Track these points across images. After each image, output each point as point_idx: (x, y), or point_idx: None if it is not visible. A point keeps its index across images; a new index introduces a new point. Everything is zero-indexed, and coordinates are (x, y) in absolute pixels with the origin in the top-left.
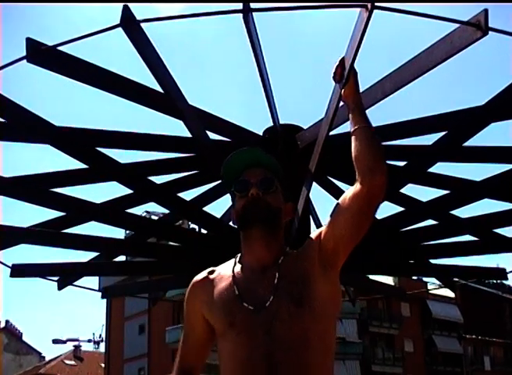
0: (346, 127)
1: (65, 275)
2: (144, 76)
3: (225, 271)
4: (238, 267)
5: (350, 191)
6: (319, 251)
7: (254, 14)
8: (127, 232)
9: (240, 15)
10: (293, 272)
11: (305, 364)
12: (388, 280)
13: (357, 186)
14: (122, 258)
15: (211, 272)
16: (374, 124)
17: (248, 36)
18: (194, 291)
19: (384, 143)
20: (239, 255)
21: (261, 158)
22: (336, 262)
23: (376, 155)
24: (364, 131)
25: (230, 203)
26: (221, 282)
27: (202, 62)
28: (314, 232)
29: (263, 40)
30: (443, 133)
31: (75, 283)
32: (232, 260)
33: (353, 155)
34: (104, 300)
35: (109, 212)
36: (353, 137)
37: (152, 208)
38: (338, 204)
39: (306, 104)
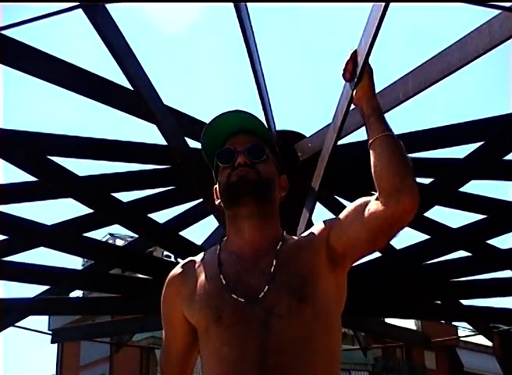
0: (358, 135)
1: (7, 313)
2: (113, 70)
3: (209, 259)
4: (224, 253)
5: (370, 203)
6: (326, 247)
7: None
8: (85, 261)
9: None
10: (294, 262)
11: (309, 369)
12: (409, 324)
13: (379, 205)
14: (78, 293)
15: (191, 262)
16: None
17: (240, 26)
18: (173, 286)
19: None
20: (224, 239)
21: (249, 123)
22: (344, 264)
23: (404, 170)
24: (386, 141)
25: (214, 222)
26: (204, 272)
27: (185, 56)
28: (320, 223)
29: (259, 31)
30: (479, 144)
31: (18, 323)
32: (217, 246)
33: (373, 170)
34: (55, 345)
35: (63, 235)
36: (371, 150)
37: (117, 231)
38: (353, 210)
39: (309, 107)
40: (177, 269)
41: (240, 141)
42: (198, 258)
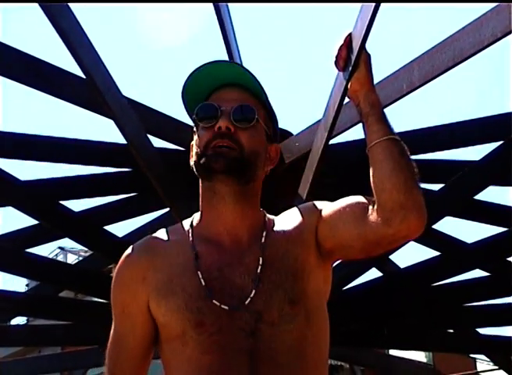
0: (353, 133)
1: None
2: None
3: (179, 242)
4: (200, 241)
5: (369, 214)
6: (315, 238)
7: None
8: (29, 282)
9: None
10: (283, 259)
11: None
12: (417, 356)
13: (379, 221)
14: (20, 320)
15: (154, 240)
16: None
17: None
18: (134, 269)
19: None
20: (195, 216)
21: (241, 76)
22: (331, 258)
23: (410, 183)
24: (389, 147)
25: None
26: (176, 259)
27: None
28: (307, 206)
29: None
30: (498, 144)
31: None
32: (186, 223)
33: (372, 181)
34: None
35: (2, 252)
36: (371, 156)
37: (69, 244)
38: (348, 211)
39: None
40: (139, 248)
41: (226, 97)
42: (163, 236)
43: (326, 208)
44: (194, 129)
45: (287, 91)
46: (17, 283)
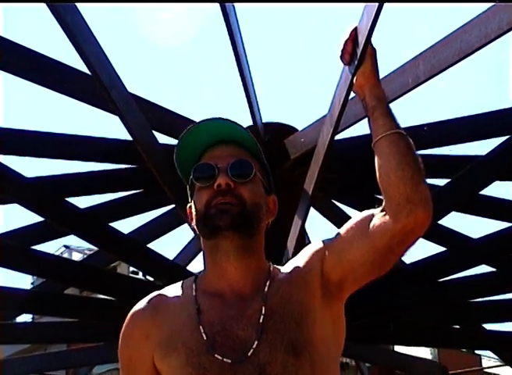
0: (359, 129)
1: None
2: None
3: (184, 299)
4: (203, 296)
5: (374, 217)
6: (321, 277)
7: None
8: (35, 279)
9: None
10: (286, 305)
11: None
12: (423, 352)
13: (386, 218)
14: (26, 317)
15: (160, 297)
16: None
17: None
18: (140, 326)
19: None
20: (199, 273)
21: (232, 131)
22: (340, 296)
23: (416, 177)
24: (395, 141)
25: (189, 233)
26: (179, 315)
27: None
28: (313, 246)
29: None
30: (504, 138)
31: None
32: (190, 280)
33: (378, 175)
34: None
35: (8, 249)
36: (377, 151)
37: (73, 243)
38: (354, 225)
39: (301, 97)
40: (144, 306)
41: (221, 154)
42: (168, 293)
43: (331, 239)
44: (189, 191)
45: (291, 86)
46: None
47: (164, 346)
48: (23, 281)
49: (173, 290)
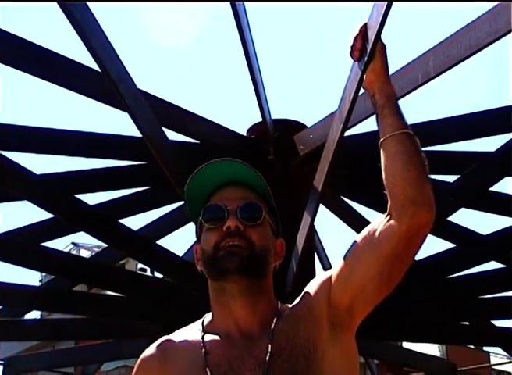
0: (369, 125)
1: None
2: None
3: (190, 342)
4: (209, 336)
5: (378, 225)
6: (328, 308)
7: None
8: (44, 276)
9: None
10: (292, 342)
11: None
12: (431, 349)
13: (390, 221)
14: (35, 314)
15: (168, 342)
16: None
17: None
18: (146, 370)
19: (424, 149)
20: (207, 316)
21: (242, 174)
22: (350, 324)
23: (422, 178)
24: (403, 142)
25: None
26: (185, 359)
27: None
28: (318, 277)
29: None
30: None
31: None
32: (198, 323)
33: (384, 175)
34: None
35: (17, 246)
36: (384, 150)
37: (82, 240)
38: (358, 242)
39: (310, 93)
40: (152, 352)
41: (230, 196)
42: (175, 338)
43: (337, 265)
44: (197, 230)
45: (300, 83)
46: (31, 279)
47: None
48: (31, 278)
49: (181, 334)
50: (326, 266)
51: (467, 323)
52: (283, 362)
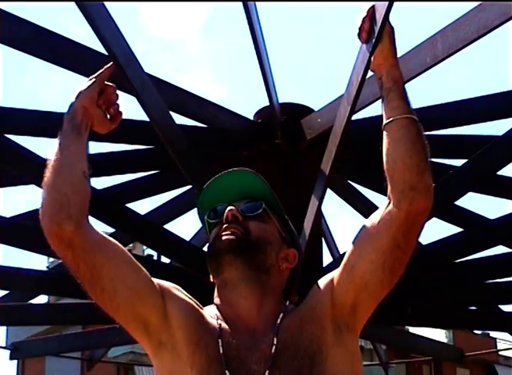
0: (377, 108)
1: None
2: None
3: (211, 318)
4: (221, 321)
5: (378, 215)
6: (332, 308)
7: None
8: (51, 261)
9: None
10: (298, 341)
11: None
12: (438, 334)
13: (389, 208)
14: (42, 299)
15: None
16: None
17: None
18: (186, 299)
19: (430, 133)
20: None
21: (253, 187)
22: (354, 324)
23: (422, 165)
24: (407, 127)
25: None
26: (204, 322)
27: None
28: (322, 279)
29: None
30: None
31: None
32: (212, 309)
33: (385, 159)
34: (15, 361)
35: (24, 229)
36: (386, 133)
37: None
38: (359, 235)
39: (318, 77)
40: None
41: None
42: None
43: (340, 266)
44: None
45: (308, 67)
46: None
47: (188, 331)
48: (39, 262)
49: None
50: (334, 251)
51: (474, 308)
52: (288, 360)
